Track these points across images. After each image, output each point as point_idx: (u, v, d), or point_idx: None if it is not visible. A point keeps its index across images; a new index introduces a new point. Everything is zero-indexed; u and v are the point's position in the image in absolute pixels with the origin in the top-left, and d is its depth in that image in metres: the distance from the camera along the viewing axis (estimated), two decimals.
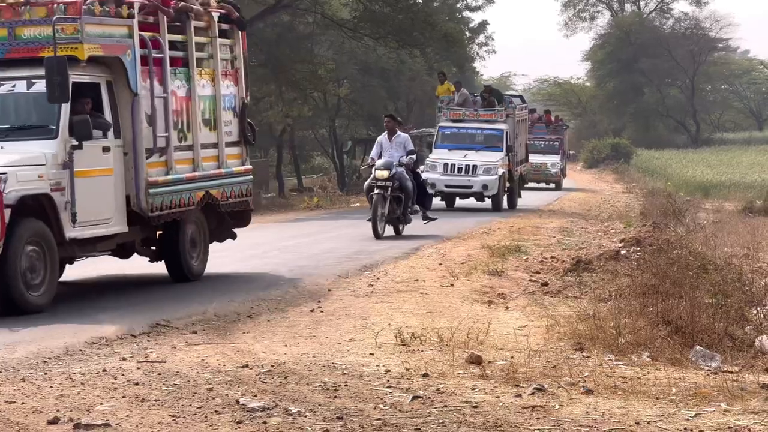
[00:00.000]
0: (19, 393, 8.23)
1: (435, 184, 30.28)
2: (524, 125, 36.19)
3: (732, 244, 20.28)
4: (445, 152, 32.11)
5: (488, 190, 31.06)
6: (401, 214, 21.43)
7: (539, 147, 46.03)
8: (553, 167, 46.75)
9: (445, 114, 33.43)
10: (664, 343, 10.65)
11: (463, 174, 31.23)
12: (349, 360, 9.70)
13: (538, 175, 45.44)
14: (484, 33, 66.00)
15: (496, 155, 31.79)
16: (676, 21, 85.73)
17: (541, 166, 45.68)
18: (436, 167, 31.41)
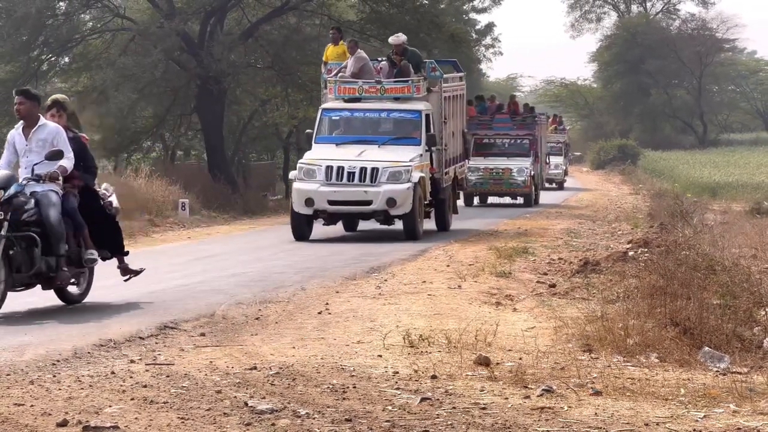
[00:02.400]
0: (28, 396, 8.23)
1: (312, 199, 21.13)
2: (459, 105, 25.84)
3: (740, 245, 20.24)
4: (330, 149, 22.00)
5: (396, 208, 21.20)
6: (47, 269, 12.16)
7: (502, 146, 37.08)
8: (520, 174, 36.19)
9: (332, 90, 23.15)
10: (672, 344, 10.64)
11: (356, 182, 21.26)
12: (358, 362, 9.69)
13: (498, 186, 36.43)
14: (490, 35, 66.12)
15: (409, 151, 21.93)
16: (683, 22, 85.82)
17: (502, 173, 36.26)
18: (314, 173, 21.33)
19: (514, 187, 36.34)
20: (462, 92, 26.10)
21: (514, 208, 34.84)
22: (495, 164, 36.27)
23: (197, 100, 37.22)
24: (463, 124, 26.28)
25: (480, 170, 35.96)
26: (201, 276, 15.93)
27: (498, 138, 37.13)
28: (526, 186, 36.12)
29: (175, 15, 36.22)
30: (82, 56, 39.57)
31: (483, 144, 36.86)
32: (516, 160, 36.40)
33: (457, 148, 25.44)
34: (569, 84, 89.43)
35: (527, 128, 37.56)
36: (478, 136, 36.36)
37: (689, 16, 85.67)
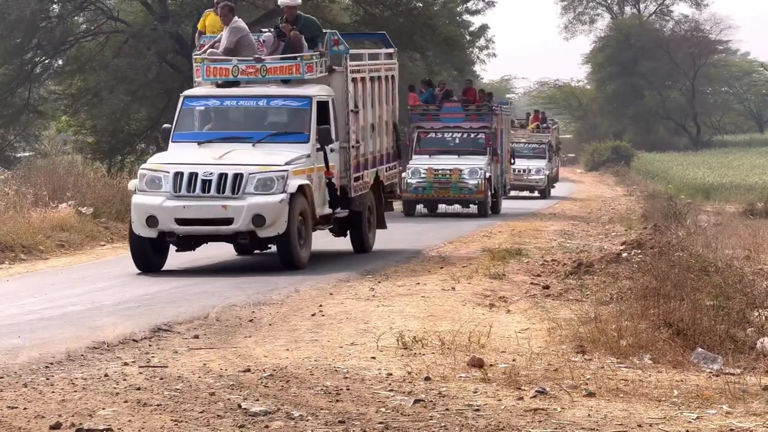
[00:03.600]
0: (21, 398, 8.23)
1: (156, 217, 16.02)
2: (386, 90, 20.12)
3: (733, 246, 20.25)
4: (190, 149, 17.02)
5: (266, 227, 16.07)
6: None
7: (451, 142, 30.92)
8: (472, 177, 29.68)
9: (199, 71, 17.83)
10: (665, 346, 10.65)
11: (212, 194, 16.09)
12: (351, 364, 9.70)
13: (445, 191, 29.92)
14: (484, 36, 66.03)
15: (289, 151, 16.88)
16: (676, 23, 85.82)
17: (450, 175, 29.93)
18: (159, 182, 16.23)
19: (464, 193, 29.82)
20: (392, 73, 20.33)
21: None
22: (441, 164, 29.97)
23: None
24: (394, 114, 20.37)
25: (422, 172, 29.90)
26: (194, 278, 15.89)
27: (446, 132, 31.04)
28: (480, 191, 29.55)
29: (169, 17, 36.22)
30: (76, 59, 39.57)
31: (428, 139, 30.99)
32: (468, 159, 30.11)
33: (383, 145, 19.79)
34: (563, 85, 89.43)
35: (483, 119, 30.86)
36: (423, 129, 30.92)
37: (682, 18, 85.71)
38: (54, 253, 19.28)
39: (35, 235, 19.50)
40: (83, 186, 24.55)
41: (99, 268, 17.46)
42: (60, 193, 23.67)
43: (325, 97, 17.70)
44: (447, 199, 30.29)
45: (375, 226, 19.46)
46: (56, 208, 22.15)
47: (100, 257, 19.26)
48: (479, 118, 30.95)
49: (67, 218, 21.36)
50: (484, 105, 31.57)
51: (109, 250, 20.30)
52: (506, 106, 35.23)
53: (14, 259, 18.29)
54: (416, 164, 30.22)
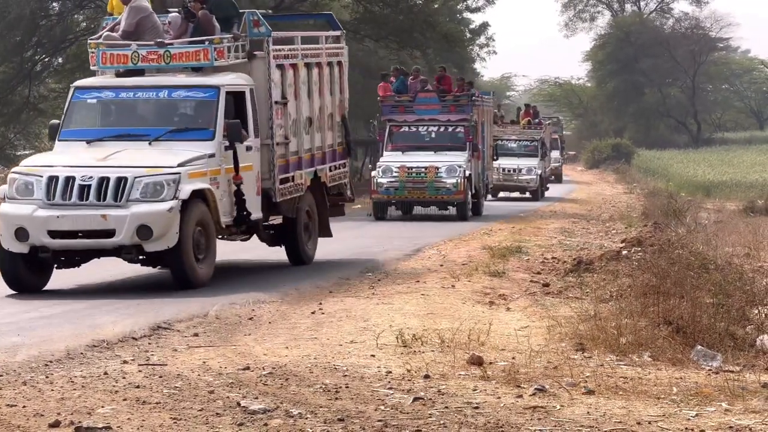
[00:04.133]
0: (21, 396, 8.23)
1: (26, 229, 13.78)
2: (332, 77, 17.76)
3: (733, 243, 20.27)
4: (76, 149, 14.87)
5: (153, 240, 13.85)
6: None
7: (426, 137, 28.09)
8: (450, 175, 26.73)
9: (93, 58, 15.49)
10: (665, 343, 10.66)
11: (90, 202, 13.90)
12: (351, 362, 9.70)
13: (420, 191, 27.01)
14: (484, 34, 65.99)
15: (187, 150, 14.63)
16: (677, 21, 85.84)
17: (425, 174, 26.85)
18: (31, 187, 14.00)
19: (441, 193, 26.82)
20: (339, 59, 17.94)
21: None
22: (416, 161, 27.10)
23: None
24: (342, 106, 17.96)
25: (394, 170, 26.95)
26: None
27: (421, 125, 28.10)
28: (459, 191, 26.64)
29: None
30: (76, 56, 39.52)
31: (401, 134, 28.17)
32: (445, 156, 27.28)
33: (325, 141, 17.36)
34: (563, 83, 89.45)
35: (462, 111, 28.02)
36: (395, 122, 28.10)
37: (683, 15, 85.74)
38: None
39: None
40: None
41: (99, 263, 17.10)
42: None
43: (240, 87, 15.41)
44: (422, 200, 27.48)
45: (316, 234, 17.17)
46: None
47: None
48: (458, 110, 28.09)
49: None
50: (462, 95, 28.66)
51: None
52: (488, 96, 32.33)
53: None
54: (387, 161, 27.37)
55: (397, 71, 30.01)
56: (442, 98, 28.40)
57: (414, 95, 28.43)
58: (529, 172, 38.42)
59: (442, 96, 28.49)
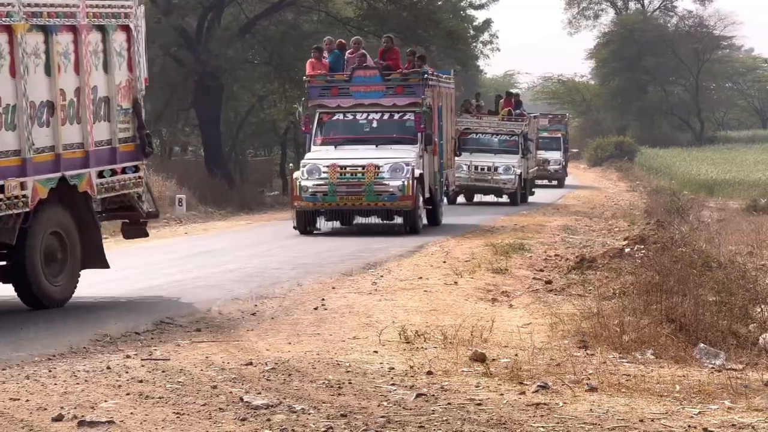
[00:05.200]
0: (24, 390, 8.24)
1: None
2: (91, 46, 12.87)
3: (736, 242, 20.27)
4: None
5: None
6: None
7: (366, 127, 22.78)
8: (395, 175, 21.49)
9: None
10: (668, 341, 10.65)
11: None
12: (353, 357, 9.70)
13: (355, 197, 21.61)
14: (488, 31, 65.96)
15: None
16: (680, 19, 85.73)
17: (363, 174, 21.58)
18: None
19: (383, 199, 21.49)
20: (124, 22, 13.43)
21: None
22: (351, 158, 21.77)
23: (194, 96, 37.21)
24: (130, 87, 13.41)
25: (322, 170, 21.61)
26: (197, 272, 15.91)
27: (359, 112, 22.63)
28: (406, 196, 21.30)
29: (173, 10, 36.20)
30: None
31: (333, 123, 22.75)
32: (389, 151, 22.02)
33: (88, 136, 12.76)
34: (567, 81, 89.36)
35: (411, 93, 22.48)
36: (325, 109, 22.61)
37: (686, 13, 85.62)
38: None
39: None
40: None
41: None
42: None
43: None
44: (358, 208, 22.01)
45: (76, 265, 12.68)
46: None
47: None
48: (406, 92, 22.49)
49: None
50: (412, 73, 22.85)
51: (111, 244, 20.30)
52: (447, 75, 26.08)
53: None
54: (315, 159, 21.92)
55: (330, 44, 23.83)
56: (386, 77, 22.66)
57: (350, 73, 22.70)
58: (506, 172, 33.41)
59: (386, 74, 22.74)
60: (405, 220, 22.01)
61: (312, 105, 22.83)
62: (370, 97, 22.65)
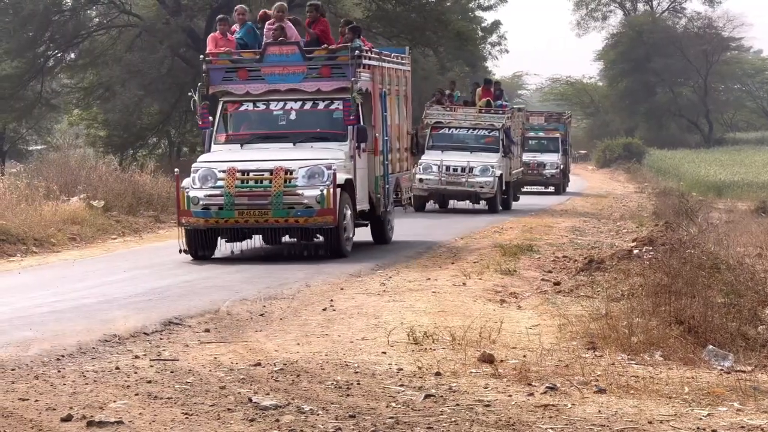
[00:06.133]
0: (33, 390, 8.25)
1: None
2: None
3: (745, 243, 20.23)
4: None
5: None
6: None
7: (279, 123, 18.15)
8: (312, 183, 16.72)
9: None
10: (676, 343, 10.64)
11: None
12: (362, 358, 9.70)
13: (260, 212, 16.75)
14: (496, 32, 65.98)
15: None
16: (689, 20, 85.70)
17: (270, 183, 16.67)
18: None
19: (295, 214, 16.63)
20: None
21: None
22: (256, 161, 17.04)
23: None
24: None
25: (218, 177, 16.87)
26: (206, 272, 15.92)
27: (273, 100, 17.95)
28: (327, 209, 16.54)
29: (181, 11, 36.30)
30: (88, 52, 39.68)
31: (240, 115, 18.22)
32: (309, 150, 17.35)
33: None
34: (575, 82, 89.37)
35: (341, 76, 17.70)
36: (231, 98, 18.09)
37: (695, 15, 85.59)
38: (65, 246, 19.35)
39: (47, 228, 19.56)
40: (95, 179, 24.64)
41: (110, 261, 17.50)
42: (71, 186, 23.77)
43: None
44: (263, 226, 16.94)
45: None
46: (68, 201, 22.21)
47: (111, 250, 19.29)
48: (335, 74, 17.75)
49: (79, 211, 21.45)
50: (341, 49, 17.84)
51: (120, 244, 20.34)
52: (402, 54, 20.83)
53: (26, 252, 18.35)
54: (210, 162, 17.21)
55: (243, 14, 18.85)
56: (307, 55, 17.76)
57: (262, 50, 17.92)
58: (484, 173, 28.87)
59: (308, 52, 17.81)
60: (326, 240, 17.02)
61: (214, 92, 18.12)
62: (288, 80, 17.80)
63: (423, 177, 28.85)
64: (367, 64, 18.35)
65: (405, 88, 20.78)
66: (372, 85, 18.55)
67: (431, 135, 29.80)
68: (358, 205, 17.95)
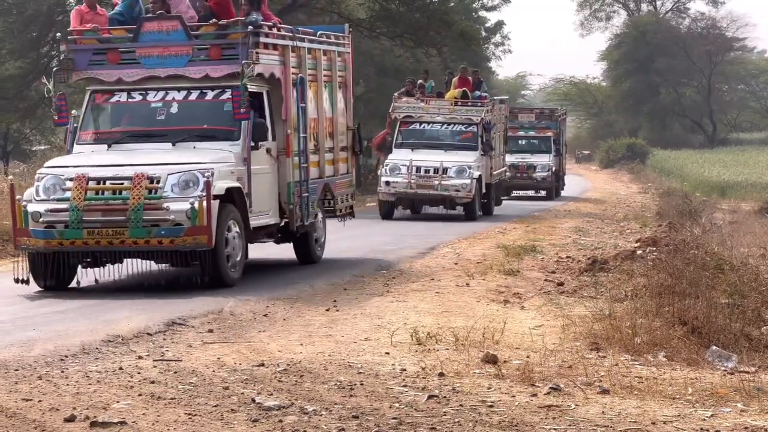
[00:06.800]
0: (36, 391, 8.26)
1: None
2: None
3: (748, 244, 20.22)
4: None
5: None
6: None
7: (154, 117, 14.59)
8: (184, 194, 13.26)
9: None
10: (680, 343, 10.64)
11: None
12: (365, 359, 9.70)
13: (116, 234, 13.22)
14: (500, 33, 65.99)
15: None
16: (693, 21, 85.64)
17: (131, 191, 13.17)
18: None
19: (158, 234, 13.28)
20: None
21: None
22: (115, 166, 13.81)
23: None
24: None
25: (66, 185, 13.65)
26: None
27: (151, 89, 14.72)
28: (200, 226, 13.21)
29: None
30: None
31: (113, 109, 15.03)
32: (189, 153, 14.01)
33: None
34: (578, 82, 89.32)
35: (231, 59, 14.37)
36: (99, 87, 14.91)
37: (699, 15, 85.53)
38: None
39: None
40: None
41: None
42: None
43: None
44: (118, 249, 13.47)
45: None
46: None
47: None
48: (227, 56, 14.38)
49: None
50: (234, 23, 14.46)
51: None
52: (334, 33, 17.12)
53: None
54: (59, 169, 13.94)
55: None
56: (193, 32, 14.43)
57: (138, 27, 14.52)
58: (459, 174, 25.48)
59: (193, 29, 14.51)
60: (202, 266, 13.58)
61: (78, 79, 15.16)
62: (169, 64, 14.52)
63: (390, 179, 25.59)
64: (273, 43, 14.90)
65: (343, 74, 17.35)
66: (283, 69, 15.05)
67: (400, 131, 26.63)
68: (261, 219, 14.70)
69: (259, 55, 14.45)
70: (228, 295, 13.22)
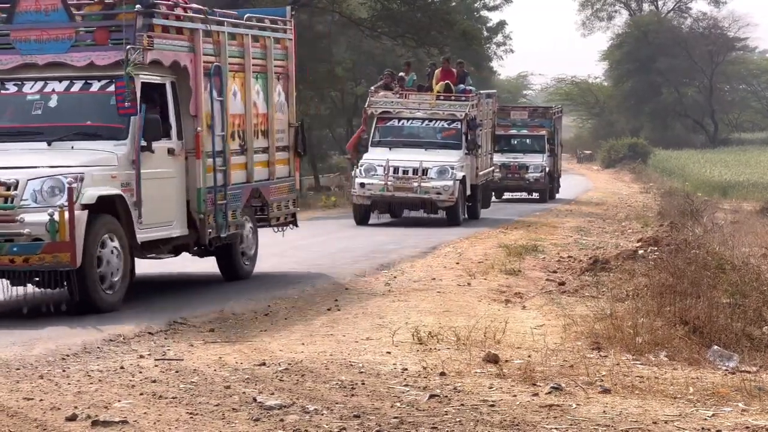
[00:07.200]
0: (38, 390, 8.26)
1: None
2: None
3: (750, 244, 20.23)
4: None
5: None
6: None
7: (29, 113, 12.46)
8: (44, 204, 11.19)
9: None
10: (681, 343, 10.64)
11: None
12: (366, 358, 9.70)
13: None
14: (501, 32, 66.04)
15: None
16: (695, 21, 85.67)
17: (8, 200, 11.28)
18: None
19: (11, 251, 11.13)
20: None
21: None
22: None
23: None
24: None
25: None
26: (214, 268, 15.82)
27: (28, 80, 12.67)
28: (61, 244, 11.10)
29: None
30: None
31: None
32: (62, 154, 11.94)
33: None
34: (580, 82, 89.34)
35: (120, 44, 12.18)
36: None
37: (701, 15, 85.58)
38: None
39: None
40: None
41: None
42: None
43: None
44: None
45: None
46: None
47: None
48: (114, 41, 12.39)
49: None
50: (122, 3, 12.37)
51: None
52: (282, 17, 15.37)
53: None
54: None
55: None
56: (76, 13, 12.50)
57: (12, 7, 12.56)
58: (440, 176, 23.59)
59: (77, 8, 12.57)
60: (69, 288, 11.56)
61: None
62: (49, 50, 12.53)
63: (364, 181, 23.50)
64: (177, 26, 12.87)
65: (284, 63, 15.33)
66: (192, 57, 13.07)
67: (377, 128, 24.49)
68: (158, 232, 12.71)
69: (153, 39, 12.36)
70: (229, 296, 13.23)
